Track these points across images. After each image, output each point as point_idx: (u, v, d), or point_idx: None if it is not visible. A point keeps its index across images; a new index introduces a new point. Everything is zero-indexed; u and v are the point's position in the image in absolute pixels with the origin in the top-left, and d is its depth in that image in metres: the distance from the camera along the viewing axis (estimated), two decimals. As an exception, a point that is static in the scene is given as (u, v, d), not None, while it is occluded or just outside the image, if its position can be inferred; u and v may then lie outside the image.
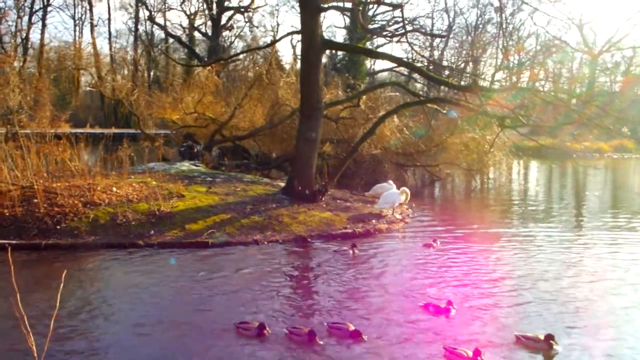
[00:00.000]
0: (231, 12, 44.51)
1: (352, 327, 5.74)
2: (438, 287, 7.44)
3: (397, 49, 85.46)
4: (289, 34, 19.12)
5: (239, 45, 47.80)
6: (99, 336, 5.71)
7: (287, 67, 28.59)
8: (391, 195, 12.34)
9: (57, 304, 3.88)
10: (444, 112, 17.37)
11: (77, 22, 47.35)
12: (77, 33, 47.53)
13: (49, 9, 43.90)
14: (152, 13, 45.85)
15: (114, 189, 11.39)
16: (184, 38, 46.51)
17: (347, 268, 8.38)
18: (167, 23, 47.74)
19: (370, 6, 42.07)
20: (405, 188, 12.93)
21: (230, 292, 7.16)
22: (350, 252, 9.23)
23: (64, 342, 5.49)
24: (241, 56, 37.08)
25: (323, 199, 12.94)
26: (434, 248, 9.63)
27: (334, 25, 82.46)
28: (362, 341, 5.55)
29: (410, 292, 7.23)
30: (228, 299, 6.88)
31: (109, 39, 47.80)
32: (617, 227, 12.19)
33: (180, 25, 47.74)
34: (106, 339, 5.62)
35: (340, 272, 8.12)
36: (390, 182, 13.92)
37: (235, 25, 46.77)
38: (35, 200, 10.19)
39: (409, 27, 32.68)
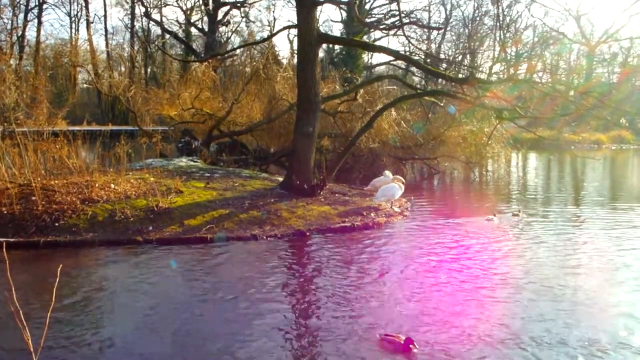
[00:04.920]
0: (227, 7, 44.44)
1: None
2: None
3: (394, 42, 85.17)
4: (285, 28, 19.08)
5: (235, 40, 47.87)
6: (97, 331, 5.70)
7: (284, 61, 28.51)
8: (389, 188, 12.32)
9: (53, 299, 3.87)
10: (441, 104, 17.38)
11: (73, 19, 47.39)
12: (73, 30, 47.56)
13: (44, 6, 43.96)
14: (148, 9, 45.83)
15: (112, 185, 11.38)
16: (180, 34, 46.46)
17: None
18: (163, 19, 47.74)
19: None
20: (398, 176, 12.95)
21: (233, 287, 7.17)
22: (497, 220, 11.38)
23: (60, 337, 5.49)
24: (238, 51, 37.12)
25: (321, 193, 12.93)
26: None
27: (330, 19, 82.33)
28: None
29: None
30: (231, 294, 6.88)
31: (105, 35, 47.93)
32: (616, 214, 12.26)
33: (177, 21, 47.78)
34: (104, 335, 5.62)
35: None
36: (387, 172, 13.89)
37: (231, 21, 46.77)
38: (34, 198, 10.17)
39: (405, 20, 32.67)
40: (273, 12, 74.70)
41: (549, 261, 8.42)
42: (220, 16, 44.28)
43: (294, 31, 17.52)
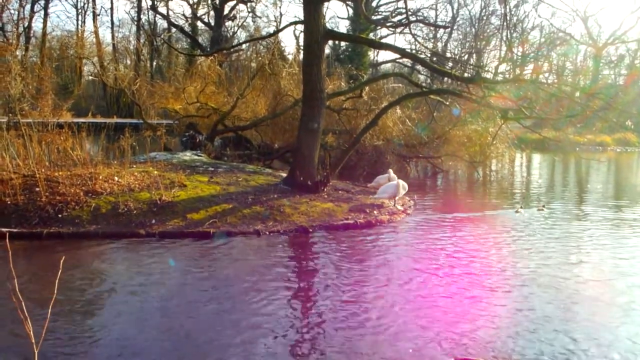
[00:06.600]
0: (234, 2, 44.36)
1: None
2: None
3: (400, 40, 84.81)
4: (291, 23, 19.08)
5: (241, 35, 47.77)
6: (98, 323, 5.72)
7: (290, 57, 28.46)
8: (391, 186, 12.29)
9: (55, 291, 3.87)
10: (447, 103, 17.31)
11: (80, 11, 47.42)
12: (79, 22, 47.60)
13: (51, -3, 43.84)
14: (155, 2, 45.67)
15: (116, 178, 11.39)
16: (186, 28, 46.40)
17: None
18: (170, 12, 47.63)
19: (374, -3, 41.97)
20: (397, 178, 12.92)
21: (234, 281, 7.17)
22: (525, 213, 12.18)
23: (62, 328, 5.50)
24: (244, 46, 37.04)
25: (325, 189, 12.92)
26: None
27: (337, 15, 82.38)
28: None
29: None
30: (232, 288, 6.88)
31: (112, 28, 47.91)
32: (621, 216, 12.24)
33: (183, 14, 47.66)
34: (105, 326, 5.63)
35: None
36: (390, 171, 13.80)
37: (238, 15, 46.69)
38: (37, 189, 10.19)
39: (412, 18, 32.55)
40: (280, 7, 74.49)
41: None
42: (226, 11, 44.22)
43: (300, 27, 17.53)
